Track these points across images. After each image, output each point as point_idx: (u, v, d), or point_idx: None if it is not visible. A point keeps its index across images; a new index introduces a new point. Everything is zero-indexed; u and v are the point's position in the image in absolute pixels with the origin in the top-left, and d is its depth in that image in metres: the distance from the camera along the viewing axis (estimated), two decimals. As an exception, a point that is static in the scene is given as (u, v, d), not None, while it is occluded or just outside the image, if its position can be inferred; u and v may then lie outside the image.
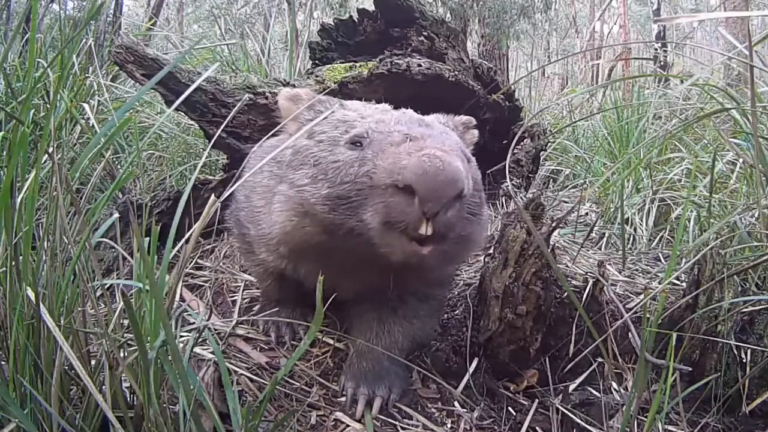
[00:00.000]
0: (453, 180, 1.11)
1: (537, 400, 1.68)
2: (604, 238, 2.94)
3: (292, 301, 1.87)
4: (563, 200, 3.68)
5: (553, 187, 4.15)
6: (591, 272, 2.11)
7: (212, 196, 1.08)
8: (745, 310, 1.70)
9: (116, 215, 1.46)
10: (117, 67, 2.47)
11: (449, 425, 1.58)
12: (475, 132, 1.62)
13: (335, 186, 1.25)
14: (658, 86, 5.79)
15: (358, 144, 1.27)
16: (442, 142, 1.21)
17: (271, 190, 1.49)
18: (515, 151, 2.94)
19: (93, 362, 1.24)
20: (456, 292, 2.07)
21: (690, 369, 1.61)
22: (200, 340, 1.64)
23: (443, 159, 1.11)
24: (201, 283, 2.18)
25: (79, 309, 1.26)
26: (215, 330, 1.80)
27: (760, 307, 1.70)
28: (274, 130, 1.40)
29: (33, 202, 1.26)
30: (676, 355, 1.55)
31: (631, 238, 2.93)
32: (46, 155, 1.49)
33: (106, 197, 1.42)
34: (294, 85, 2.43)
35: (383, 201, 1.16)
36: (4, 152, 2.22)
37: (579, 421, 1.58)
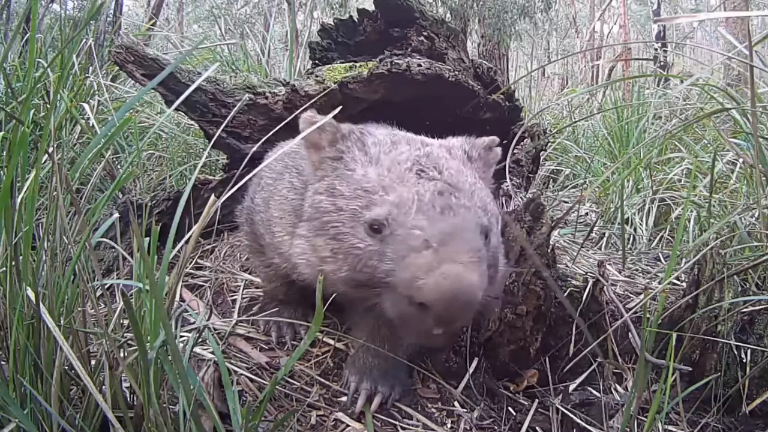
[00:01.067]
0: (469, 303, 1.11)
1: (537, 400, 1.68)
2: (604, 238, 2.94)
3: (295, 302, 1.87)
4: (563, 200, 3.69)
5: (553, 187, 4.16)
6: (591, 272, 2.11)
7: (212, 196, 1.08)
8: (745, 310, 1.70)
9: (116, 215, 1.46)
10: (117, 67, 2.47)
11: (449, 425, 1.58)
12: (498, 150, 1.59)
13: (355, 272, 1.26)
14: (658, 86, 5.80)
15: (378, 231, 1.25)
16: (464, 246, 1.16)
17: (292, 205, 1.50)
18: (515, 151, 2.93)
19: (93, 362, 1.24)
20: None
21: (690, 369, 1.61)
22: (200, 340, 1.64)
23: (462, 278, 1.09)
24: (201, 283, 2.18)
25: (79, 309, 1.26)
26: (215, 330, 1.80)
27: (760, 307, 1.70)
28: (273, 130, 1.40)
29: (33, 202, 1.26)
30: (676, 355, 1.55)
31: (631, 238, 2.93)
32: (46, 155, 1.49)
33: (106, 197, 1.42)
34: (294, 86, 2.43)
35: (399, 304, 1.17)
36: (4, 152, 2.22)
37: (579, 421, 1.58)
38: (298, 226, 1.44)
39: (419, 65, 2.45)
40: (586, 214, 3.48)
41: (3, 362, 1.20)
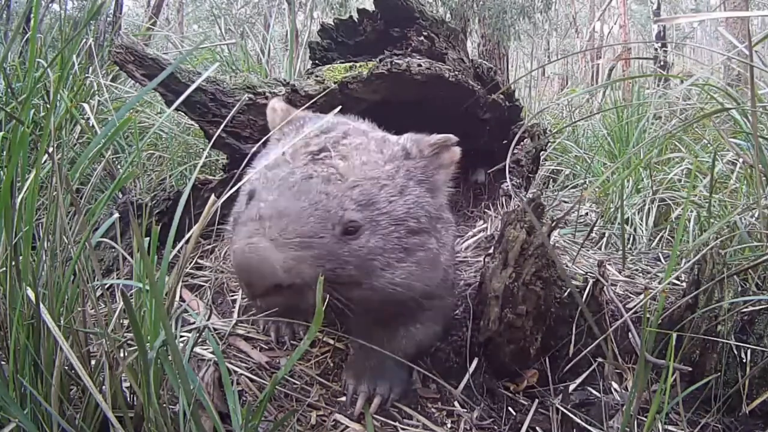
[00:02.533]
0: (263, 275, 1.13)
1: (537, 400, 1.68)
2: (604, 238, 2.94)
3: None
4: (563, 200, 3.68)
5: (553, 187, 4.15)
6: (591, 272, 2.11)
7: (212, 196, 1.08)
8: (745, 310, 1.70)
9: (116, 215, 1.46)
10: (117, 67, 2.47)
11: (449, 425, 1.58)
12: (456, 150, 1.52)
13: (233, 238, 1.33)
14: (658, 86, 5.80)
15: (249, 201, 1.32)
16: (287, 226, 1.18)
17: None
18: (515, 151, 2.93)
19: (93, 362, 1.24)
20: (456, 292, 2.07)
21: (690, 369, 1.61)
22: (200, 340, 1.64)
23: (260, 253, 1.13)
24: (201, 283, 2.18)
25: (79, 309, 1.26)
26: (215, 330, 1.80)
27: (760, 307, 1.70)
28: (273, 130, 1.40)
29: (33, 202, 1.26)
30: (676, 355, 1.55)
31: (631, 238, 2.93)
32: (46, 155, 1.49)
33: (106, 197, 1.42)
34: (294, 86, 2.43)
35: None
36: (4, 152, 2.21)
37: (579, 421, 1.58)
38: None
39: (419, 65, 2.45)
40: (586, 214, 3.48)
41: (3, 362, 1.20)
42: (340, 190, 1.27)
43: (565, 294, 1.78)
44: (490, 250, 1.81)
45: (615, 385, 1.74)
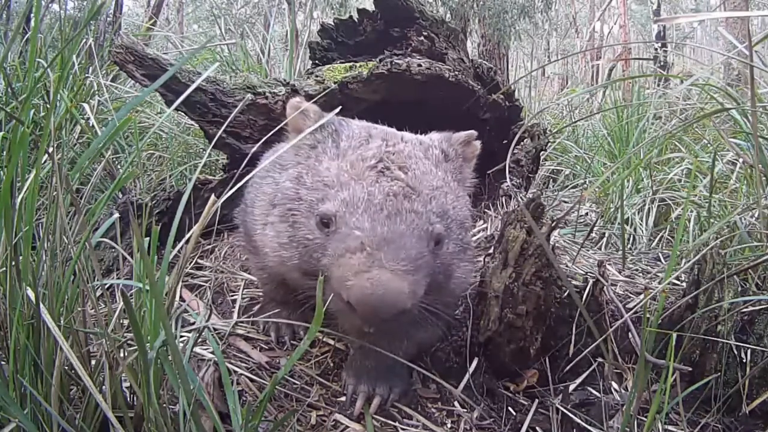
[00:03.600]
0: (392, 305, 1.15)
1: (537, 400, 1.68)
2: (604, 238, 2.94)
3: (293, 302, 1.87)
4: (563, 200, 3.69)
5: (553, 187, 4.16)
6: (591, 272, 2.11)
7: (212, 196, 1.08)
8: (745, 310, 1.70)
9: (116, 215, 1.46)
10: (117, 67, 2.47)
11: (449, 425, 1.58)
12: (477, 144, 1.62)
13: (303, 261, 1.35)
14: (658, 86, 5.80)
15: (326, 225, 1.31)
16: (398, 253, 1.20)
17: (269, 199, 1.51)
18: (515, 151, 2.93)
19: (93, 362, 1.24)
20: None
21: (690, 369, 1.61)
22: (200, 340, 1.64)
23: (387, 285, 1.14)
24: (201, 283, 2.18)
25: (79, 309, 1.26)
26: (215, 330, 1.80)
27: (760, 307, 1.70)
28: (274, 130, 1.40)
29: (33, 202, 1.26)
30: (676, 355, 1.55)
31: (631, 238, 2.93)
32: (46, 155, 1.49)
33: (106, 197, 1.42)
34: (294, 86, 2.43)
35: (335, 299, 1.22)
36: (4, 152, 2.21)
37: (579, 421, 1.58)
38: (270, 214, 1.48)
39: (419, 65, 2.45)
40: (586, 214, 3.48)
41: (3, 362, 1.20)
42: (423, 206, 1.32)
43: (565, 294, 1.78)
44: (490, 250, 1.81)
45: (615, 385, 1.74)
